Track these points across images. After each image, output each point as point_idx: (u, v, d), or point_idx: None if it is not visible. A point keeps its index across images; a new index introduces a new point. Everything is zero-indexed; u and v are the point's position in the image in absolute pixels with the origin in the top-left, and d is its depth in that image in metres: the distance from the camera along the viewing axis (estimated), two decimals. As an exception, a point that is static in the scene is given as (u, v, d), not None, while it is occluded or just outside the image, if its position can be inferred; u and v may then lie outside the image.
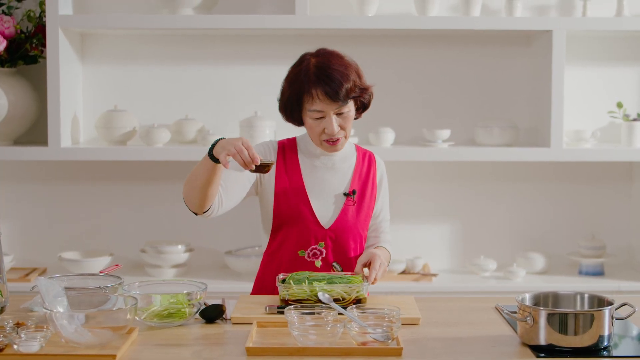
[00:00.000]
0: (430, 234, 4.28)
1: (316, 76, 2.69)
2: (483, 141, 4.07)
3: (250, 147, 2.48)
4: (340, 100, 2.69)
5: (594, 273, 4.11)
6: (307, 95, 2.70)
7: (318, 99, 2.69)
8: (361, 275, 2.65)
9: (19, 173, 4.21)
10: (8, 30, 3.92)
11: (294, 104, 2.75)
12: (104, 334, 2.16)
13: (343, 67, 2.72)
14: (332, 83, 2.67)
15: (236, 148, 2.46)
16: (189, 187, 2.63)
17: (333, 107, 2.70)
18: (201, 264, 4.24)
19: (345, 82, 2.68)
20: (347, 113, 2.74)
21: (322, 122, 2.73)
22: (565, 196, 4.30)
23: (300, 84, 2.71)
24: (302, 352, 2.17)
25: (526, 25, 3.90)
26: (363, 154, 2.92)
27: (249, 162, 2.48)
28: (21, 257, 4.22)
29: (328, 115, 2.71)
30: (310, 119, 2.74)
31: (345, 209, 2.81)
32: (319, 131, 2.75)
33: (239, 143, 2.47)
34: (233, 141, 2.49)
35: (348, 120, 2.76)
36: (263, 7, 4.14)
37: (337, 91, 2.67)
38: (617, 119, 4.23)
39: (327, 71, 2.69)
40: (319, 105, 2.70)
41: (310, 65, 2.72)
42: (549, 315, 2.22)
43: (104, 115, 4.01)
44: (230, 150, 2.46)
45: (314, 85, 2.68)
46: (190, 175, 2.62)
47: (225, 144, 2.49)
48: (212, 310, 2.49)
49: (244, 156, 2.47)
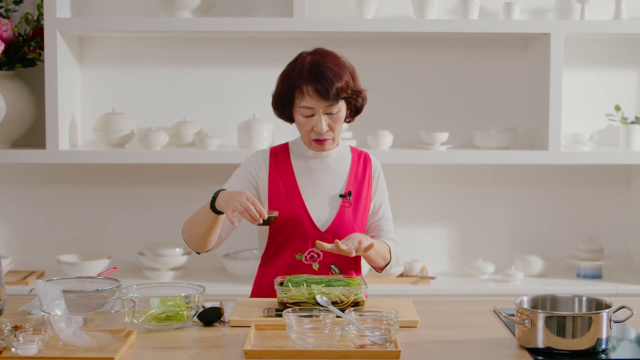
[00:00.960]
0: (428, 237, 4.28)
1: (309, 72, 2.69)
2: (481, 144, 4.07)
3: (255, 202, 2.53)
4: (330, 98, 2.68)
5: (592, 276, 4.11)
6: (298, 90, 2.71)
7: (308, 95, 2.69)
8: (358, 279, 2.64)
9: (17, 176, 4.21)
10: (6, 33, 3.92)
11: (285, 100, 2.75)
12: (101, 336, 2.16)
13: (337, 66, 2.72)
14: (323, 80, 2.67)
15: (242, 205, 2.51)
16: (190, 233, 2.75)
17: (323, 105, 2.70)
18: (199, 266, 4.24)
19: (337, 81, 2.68)
20: (337, 114, 2.74)
21: (311, 120, 2.73)
22: (564, 199, 4.30)
23: (293, 79, 2.72)
24: (300, 354, 2.17)
25: (524, 28, 3.90)
26: (358, 154, 2.91)
27: (257, 218, 2.52)
28: (19, 260, 4.22)
29: (317, 114, 2.71)
30: (299, 116, 2.74)
31: (342, 210, 2.80)
32: (308, 129, 2.75)
33: (243, 199, 2.52)
34: (237, 197, 2.53)
35: (337, 121, 2.75)
36: (261, 10, 4.14)
37: (328, 89, 2.67)
38: (615, 122, 4.24)
39: (320, 68, 2.69)
40: (308, 101, 2.70)
41: (305, 62, 2.73)
42: (547, 318, 2.22)
43: (102, 118, 4.01)
44: (237, 207, 2.51)
45: (305, 82, 2.69)
46: (191, 220, 2.74)
47: (229, 200, 2.54)
48: (210, 313, 2.49)
49: (252, 213, 2.51)
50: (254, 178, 2.83)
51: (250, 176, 2.83)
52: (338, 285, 2.56)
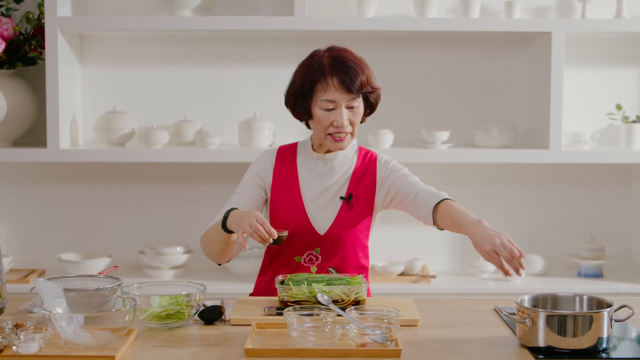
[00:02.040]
0: (429, 236, 4.28)
1: (331, 66, 2.69)
2: (482, 143, 4.07)
3: (264, 222, 2.53)
4: (354, 91, 2.68)
5: (593, 275, 4.11)
6: (320, 84, 2.69)
7: (333, 86, 2.68)
8: (360, 277, 2.63)
9: (18, 175, 4.21)
10: (7, 31, 3.92)
11: (306, 94, 2.72)
12: (102, 335, 2.16)
13: (358, 61, 2.74)
14: (349, 72, 2.68)
15: (252, 226, 2.52)
16: (207, 249, 2.79)
17: (346, 97, 2.69)
18: (200, 265, 4.23)
19: (360, 74, 2.70)
20: (357, 109, 2.73)
21: (332, 114, 2.71)
22: (564, 198, 4.30)
23: (314, 73, 2.70)
24: (301, 353, 2.17)
25: (525, 27, 3.90)
26: (365, 154, 2.88)
27: (267, 238, 2.53)
28: (20, 259, 4.22)
29: (339, 107, 2.70)
30: (319, 110, 2.71)
31: (341, 214, 2.79)
32: (327, 124, 2.72)
33: (253, 220, 2.52)
34: (247, 218, 2.54)
35: (357, 116, 2.75)
36: (262, 8, 4.14)
37: (354, 80, 2.67)
38: (616, 121, 4.24)
39: (344, 61, 2.70)
40: (332, 94, 2.68)
41: (324, 57, 2.73)
42: (548, 317, 2.22)
43: (103, 116, 4.01)
44: (247, 229, 2.52)
45: (329, 74, 2.68)
46: (206, 236, 2.77)
47: (240, 221, 2.55)
48: (211, 312, 2.49)
49: (261, 234, 2.52)
50: (262, 179, 2.83)
51: (259, 178, 2.83)
52: (339, 284, 2.56)
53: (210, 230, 2.75)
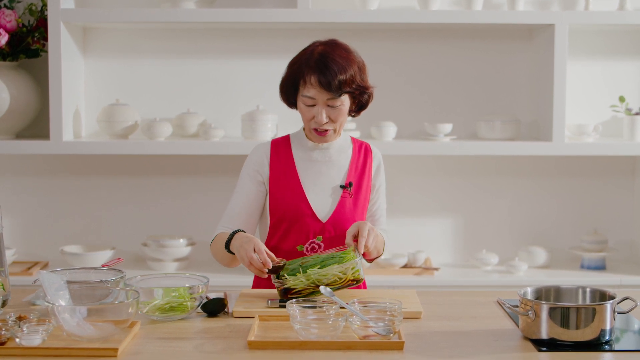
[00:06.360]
0: (432, 228, 4.28)
1: (315, 63, 2.69)
2: (485, 135, 4.07)
3: (261, 252, 2.53)
4: (332, 91, 2.67)
5: (596, 267, 4.11)
6: (302, 79, 2.71)
7: (311, 84, 2.69)
8: (352, 247, 2.61)
9: (21, 167, 4.21)
10: (10, 23, 3.92)
11: (290, 86, 2.76)
12: (105, 327, 2.16)
13: (345, 59, 2.70)
14: (327, 72, 2.67)
15: (248, 258, 2.52)
16: (216, 257, 2.83)
17: (324, 96, 2.69)
18: (203, 257, 4.24)
19: (340, 74, 2.67)
20: (340, 107, 2.72)
21: (313, 110, 2.73)
22: (567, 190, 4.29)
23: (299, 67, 2.72)
24: (304, 345, 2.17)
25: (528, 19, 3.89)
26: (359, 145, 2.90)
27: (261, 269, 2.53)
28: (23, 251, 4.23)
29: (318, 104, 2.71)
30: (302, 104, 2.75)
31: (342, 201, 2.80)
32: (309, 118, 2.75)
33: (250, 251, 2.53)
34: (246, 246, 2.55)
35: (340, 114, 2.74)
36: (265, 1, 4.14)
37: (330, 81, 2.66)
38: (619, 113, 4.23)
39: (327, 60, 2.68)
40: (310, 91, 2.70)
41: (315, 51, 2.72)
42: (551, 309, 2.22)
43: (106, 109, 4.01)
44: (243, 260, 2.55)
45: (309, 71, 2.69)
46: (214, 247, 2.80)
47: (239, 248, 2.58)
48: (214, 304, 2.49)
49: (256, 265, 2.52)
50: (260, 174, 2.83)
51: (257, 173, 2.83)
52: (332, 263, 2.55)
53: (217, 242, 2.77)
